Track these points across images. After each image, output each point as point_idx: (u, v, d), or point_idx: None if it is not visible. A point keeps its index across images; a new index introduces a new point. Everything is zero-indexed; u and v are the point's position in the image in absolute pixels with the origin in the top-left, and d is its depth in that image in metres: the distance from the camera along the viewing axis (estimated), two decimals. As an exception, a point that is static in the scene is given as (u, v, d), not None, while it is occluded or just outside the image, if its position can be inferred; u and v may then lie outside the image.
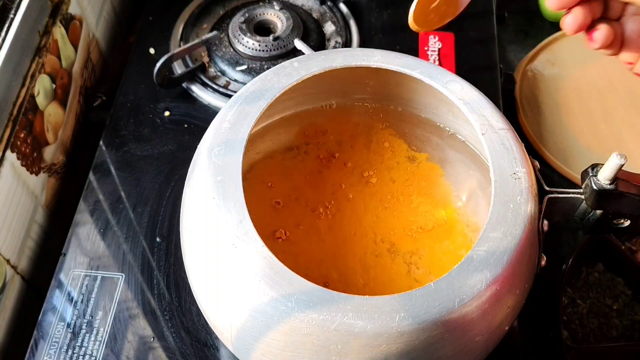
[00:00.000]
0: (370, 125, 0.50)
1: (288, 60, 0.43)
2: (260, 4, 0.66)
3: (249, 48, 0.61)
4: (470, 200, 0.48)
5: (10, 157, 0.49)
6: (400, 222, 0.48)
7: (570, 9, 0.36)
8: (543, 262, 0.40)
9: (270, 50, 0.61)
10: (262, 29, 0.64)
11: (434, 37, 0.66)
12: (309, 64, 0.43)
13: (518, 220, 0.36)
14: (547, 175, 0.53)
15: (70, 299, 0.48)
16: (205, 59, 0.63)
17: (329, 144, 0.50)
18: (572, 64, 0.63)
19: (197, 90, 0.61)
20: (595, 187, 0.43)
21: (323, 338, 0.33)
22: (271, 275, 0.34)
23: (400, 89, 0.47)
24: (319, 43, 0.64)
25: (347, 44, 0.65)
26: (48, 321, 0.47)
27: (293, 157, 0.50)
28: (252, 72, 0.61)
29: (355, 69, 0.43)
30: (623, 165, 0.42)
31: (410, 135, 0.49)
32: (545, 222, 0.41)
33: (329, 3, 0.68)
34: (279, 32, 0.62)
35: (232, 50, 0.62)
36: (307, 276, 0.34)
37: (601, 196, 0.43)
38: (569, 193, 0.43)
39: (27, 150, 0.52)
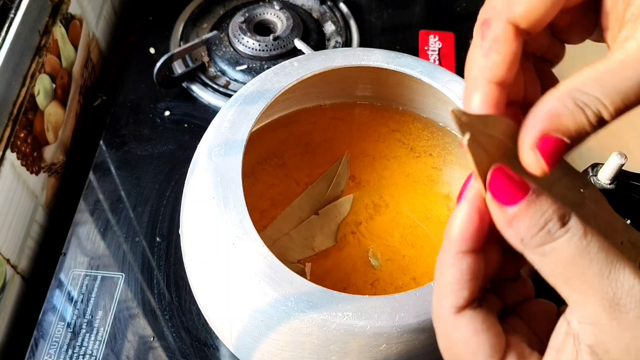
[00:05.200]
0: (370, 125, 0.50)
1: (288, 60, 0.43)
2: (261, 3, 0.66)
3: (249, 48, 0.61)
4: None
5: (10, 156, 0.49)
6: (400, 221, 0.48)
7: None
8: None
9: (270, 50, 0.61)
10: (262, 28, 0.64)
11: (434, 37, 0.66)
12: (309, 63, 0.43)
13: (518, 220, 0.36)
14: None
15: (70, 298, 0.48)
16: (205, 59, 0.62)
17: (329, 144, 0.50)
18: (572, 63, 0.63)
19: (197, 90, 0.61)
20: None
21: (323, 338, 0.33)
22: (271, 275, 0.34)
23: (400, 88, 0.47)
24: (319, 43, 0.64)
25: (347, 43, 0.65)
26: (48, 321, 0.47)
27: (293, 157, 0.49)
28: (252, 71, 0.61)
29: (355, 68, 0.43)
30: (623, 164, 0.42)
31: (410, 134, 0.49)
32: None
33: (329, 3, 0.68)
34: (279, 32, 0.62)
35: (232, 50, 0.62)
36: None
37: (601, 196, 0.42)
38: (569, 193, 0.43)
39: (27, 150, 0.51)
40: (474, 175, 0.23)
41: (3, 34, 0.49)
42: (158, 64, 0.58)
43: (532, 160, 0.22)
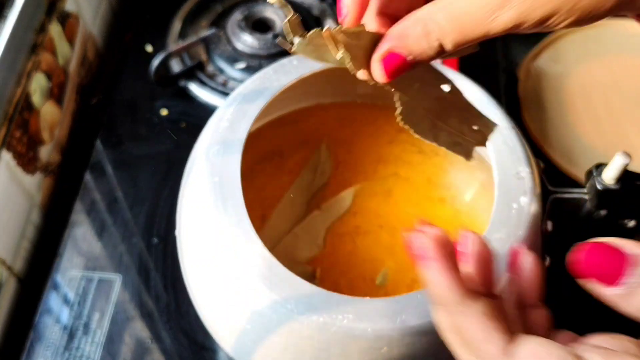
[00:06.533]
0: (371, 124, 0.50)
1: (287, 58, 0.43)
2: (259, 0, 0.65)
3: (248, 46, 0.61)
4: (473, 200, 0.47)
5: (6, 156, 0.48)
6: (402, 221, 0.47)
7: None
8: (547, 264, 0.40)
9: (270, 48, 0.60)
10: (261, 26, 0.63)
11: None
12: (309, 61, 0.42)
13: (521, 221, 0.36)
14: (551, 175, 0.53)
15: (66, 300, 0.48)
16: (203, 57, 0.62)
17: (329, 143, 0.50)
18: (576, 61, 0.62)
19: (195, 88, 0.60)
20: (599, 187, 0.42)
21: (323, 341, 0.33)
22: (270, 277, 0.33)
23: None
24: (318, 41, 0.64)
25: (347, 41, 0.64)
26: (44, 323, 0.47)
27: (292, 156, 0.49)
28: (251, 70, 0.60)
29: (355, 66, 0.42)
30: (628, 164, 0.42)
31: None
32: (549, 222, 0.40)
33: (329, 0, 0.67)
34: (278, 30, 0.61)
35: (230, 47, 0.62)
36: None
37: (605, 196, 0.42)
38: (573, 193, 0.42)
39: (23, 150, 0.51)
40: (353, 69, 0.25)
41: (-2, 31, 0.48)
42: (155, 62, 0.57)
43: (375, 71, 0.25)
